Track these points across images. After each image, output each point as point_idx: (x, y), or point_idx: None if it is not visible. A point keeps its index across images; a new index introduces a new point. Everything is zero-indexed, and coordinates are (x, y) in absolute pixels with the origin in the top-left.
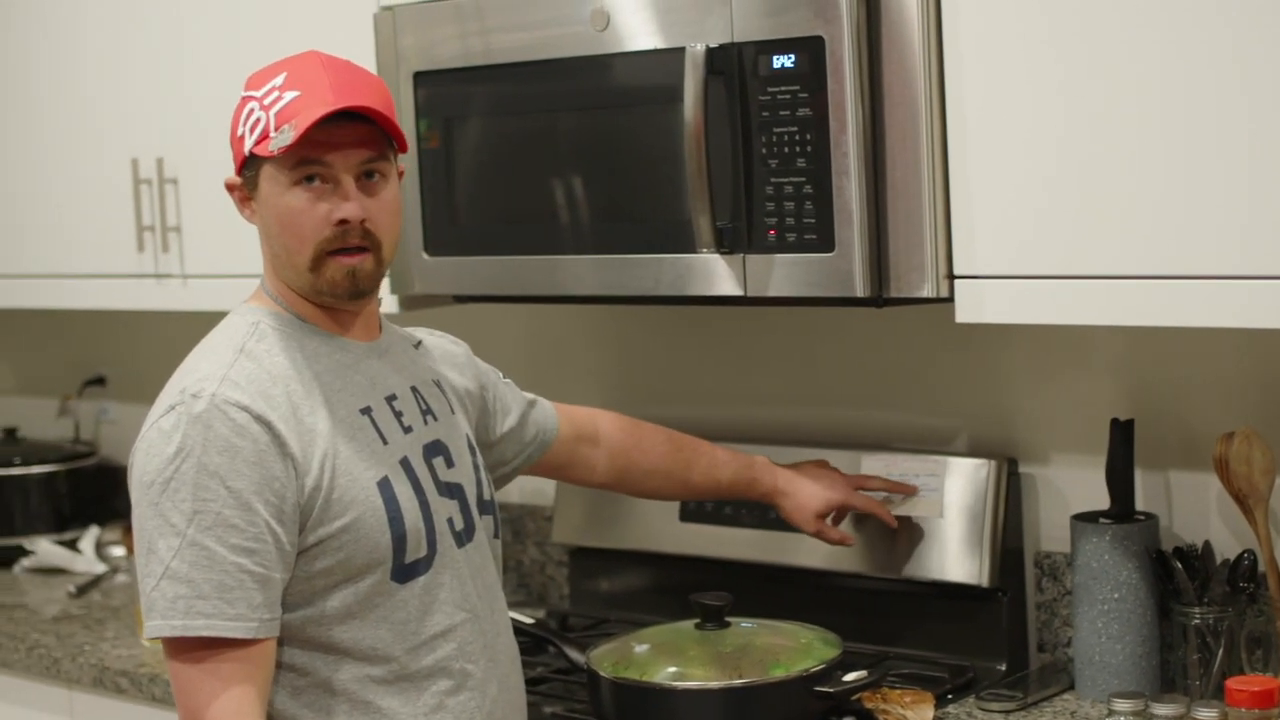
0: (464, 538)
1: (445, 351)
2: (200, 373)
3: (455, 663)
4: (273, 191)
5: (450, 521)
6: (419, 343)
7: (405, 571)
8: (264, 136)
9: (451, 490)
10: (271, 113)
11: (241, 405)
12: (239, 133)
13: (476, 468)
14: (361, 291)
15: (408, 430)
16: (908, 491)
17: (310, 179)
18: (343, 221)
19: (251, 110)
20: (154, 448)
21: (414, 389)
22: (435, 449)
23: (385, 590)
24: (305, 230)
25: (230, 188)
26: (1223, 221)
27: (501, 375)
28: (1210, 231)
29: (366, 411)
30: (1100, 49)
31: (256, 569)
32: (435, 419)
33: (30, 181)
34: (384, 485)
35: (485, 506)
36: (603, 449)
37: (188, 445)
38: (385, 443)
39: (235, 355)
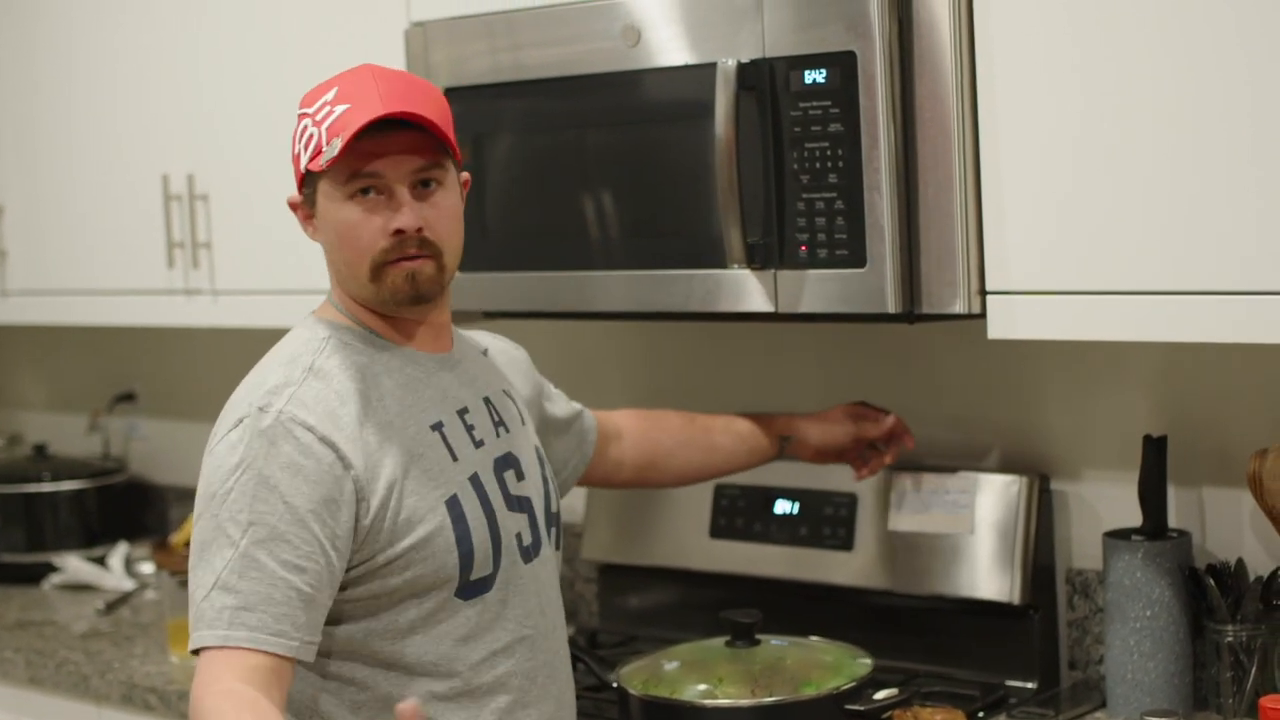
0: (531, 553)
1: (510, 357)
2: (269, 386)
3: (514, 679)
4: (329, 206)
5: (518, 537)
6: (485, 350)
7: (470, 589)
8: (317, 152)
9: (521, 504)
10: (323, 128)
11: (307, 425)
12: (295, 150)
13: (545, 479)
14: (423, 296)
15: (479, 444)
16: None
17: (365, 191)
18: (398, 231)
19: (305, 127)
20: (219, 460)
21: (486, 400)
22: (506, 462)
23: (450, 607)
24: (363, 242)
25: (293, 207)
26: (1257, 236)
27: (551, 385)
28: (1244, 247)
29: (438, 427)
30: (1133, 64)
31: (304, 588)
32: (507, 430)
33: (61, 197)
34: (452, 504)
35: (552, 519)
36: (626, 441)
37: (249, 458)
38: (455, 459)
39: (304, 374)
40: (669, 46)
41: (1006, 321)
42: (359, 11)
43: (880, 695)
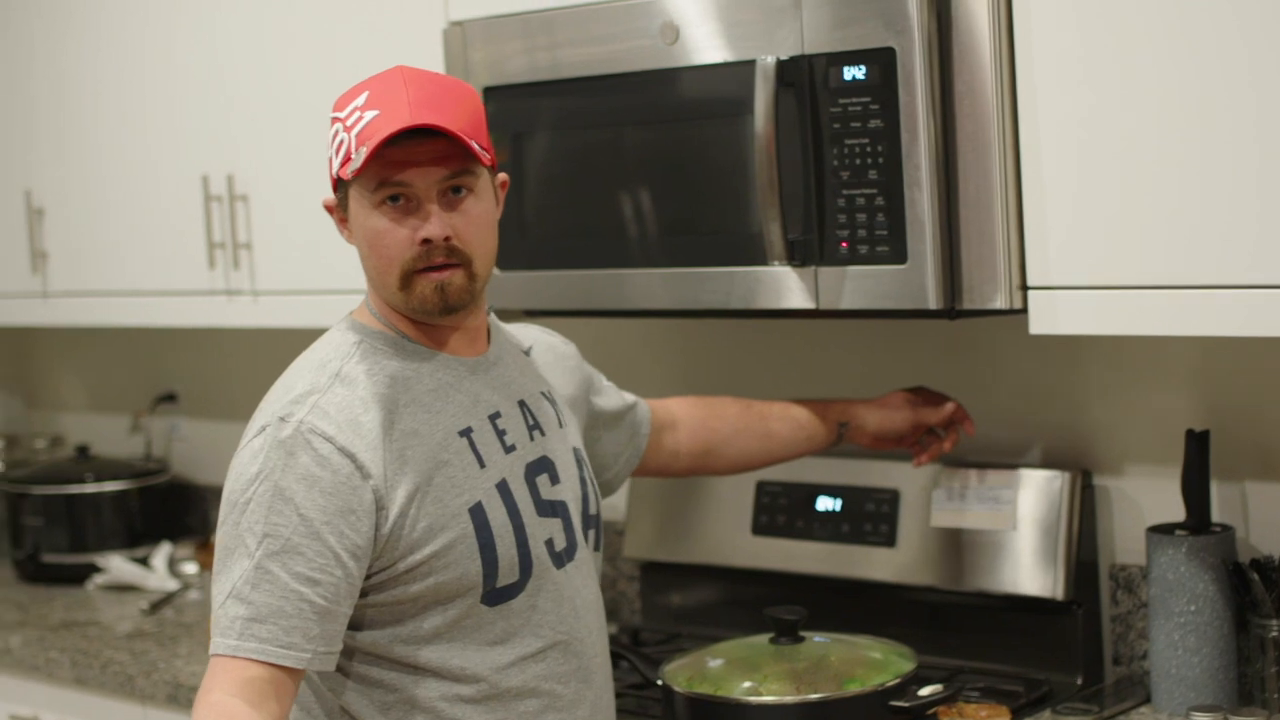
0: (564, 558)
1: (557, 354)
2: (295, 394)
3: (545, 684)
4: (359, 213)
5: (549, 543)
6: (529, 349)
7: (496, 596)
8: (346, 159)
9: (554, 508)
10: (352, 134)
11: (326, 435)
12: (328, 155)
13: (584, 481)
14: (452, 307)
15: (510, 449)
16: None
17: (394, 199)
18: (425, 241)
19: (337, 132)
20: (241, 467)
21: (521, 403)
22: (540, 466)
23: (476, 614)
24: (391, 251)
25: (329, 209)
26: None
27: (603, 377)
28: None
29: (466, 433)
30: (1173, 57)
31: (318, 600)
32: (543, 433)
33: (101, 199)
34: (476, 511)
35: (590, 521)
36: (682, 431)
37: (267, 468)
38: (482, 465)
39: (330, 380)
40: (707, 44)
41: (1048, 317)
42: (397, 11)
43: (925, 692)
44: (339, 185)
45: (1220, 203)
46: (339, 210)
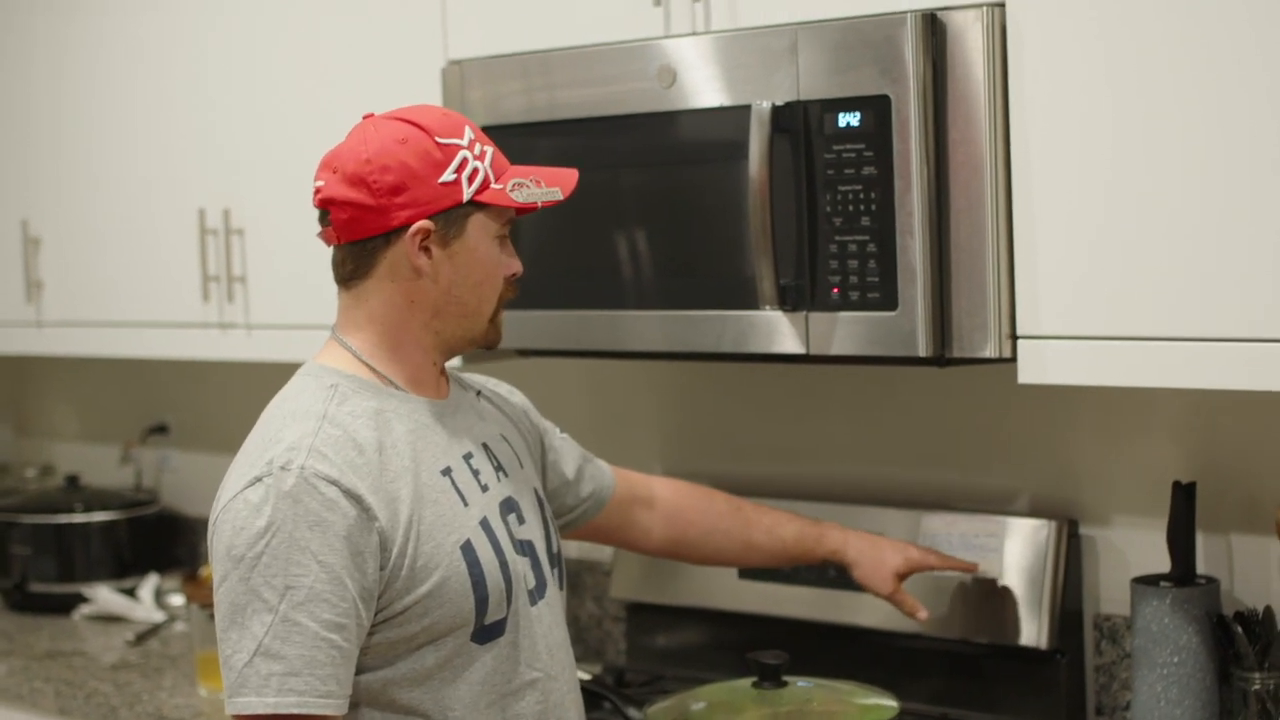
0: (536, 595)
1: (506, 402)
2: (286, 442)
3: None
4: (481, 241)
5: (525, 579)
6: (479, 393)
7: (485, 633)
8: (484, 185)
9: (524, 547)
10: (485, 163)
11: (331, 479)
12: (445, 178)
13: (545, 521)
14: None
15: (485, 489)
16: (972, 567)
17: (505, 236)
18: (514, 275)
19: (465, 159)
20: (242, 521)
21: (485, 445)
22: (509, 506)
23: (465, 652)
24: (499, 281)
25: (423, 232)
26: None
27: (559, 430)
28: (1276, 294)
29: (447, 472)
30: (1167, 111)
31: (344, 644)
32: (507, 475)
33: (97, 230)
34: (466, 549)
35: (554, 559)
36: (658, 512)
37: (278, 520)
38: (466, 504)
39: (319, 422)
40: (704, 88)
41: (1037, 366)
42: (396, 49)
43: None
44: (450, 210)
45: (1210, 257)
46: (439, 233)
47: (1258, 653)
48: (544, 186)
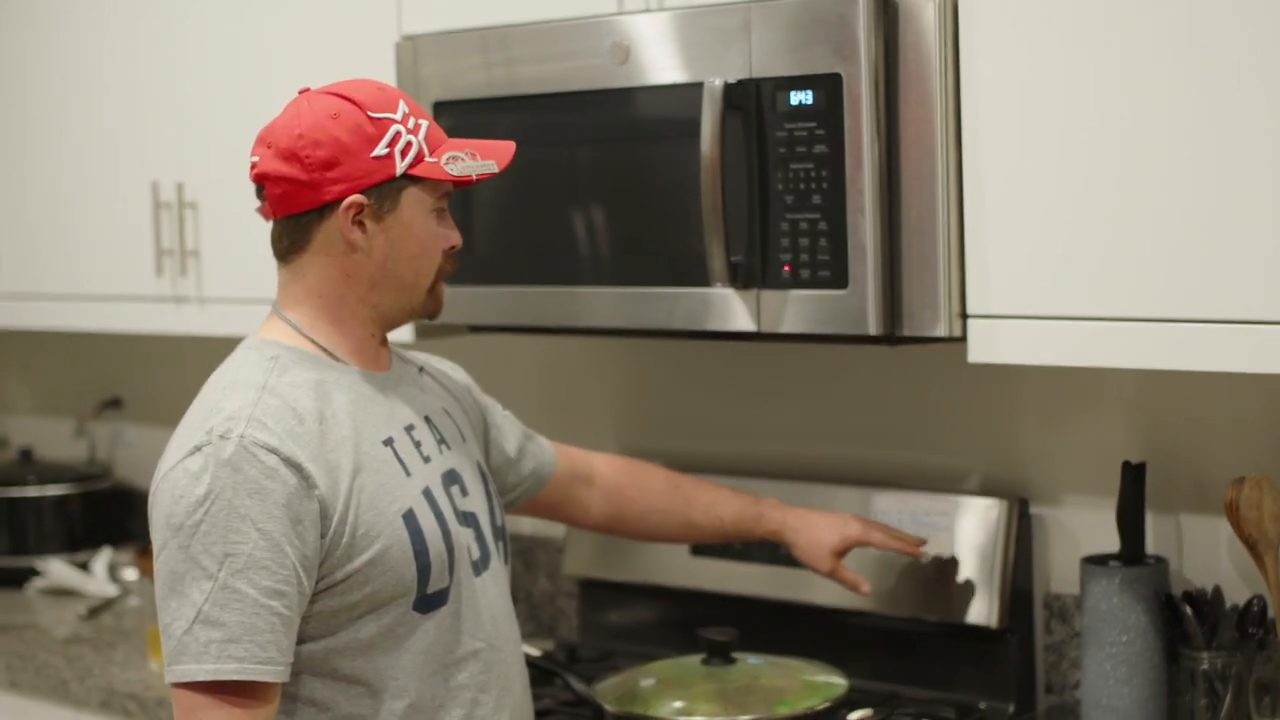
0: (480, 566)
1: (448, 379)
2: (225, 411)
3: (468, 692)
4: (416, 214)
5: (469, 550)
6: (420, 369)
7: (427, 602)
8: (419, 158)
9: (468, 519)
10: (419, 137)
11: (270, 447)
12: (378, 152)
13: (489, 494)
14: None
15: (426, 460)
16: (914, 551)
17: (438, 209)
18: (452, 248)
19: (399, 133)
20: (181, 489)
21: (427, 418)
22: (452, 478)
23: (407, 621)
24: (436, 254)
25: (356, 206)
26: (1239, 266)
27: (501, 407)
28: (1226, 275)
29: (389, 443)
30: (1119, 90)
31: (284, 611)
32: (449, 447)
33: (50, 203)
34: (409, 517)
35: (499, 533)
36: (597, 489)
37: (217, 488)
38: (408, 474)
39: (259, 393)
40: (657, 65)
41: (987, 345)
42: (350, 24)
43: (855, 716)
44: (384, 184)
45: (1160, 236)
46: (372, 207)
47: (1206, 632)
48: (479, 159)
